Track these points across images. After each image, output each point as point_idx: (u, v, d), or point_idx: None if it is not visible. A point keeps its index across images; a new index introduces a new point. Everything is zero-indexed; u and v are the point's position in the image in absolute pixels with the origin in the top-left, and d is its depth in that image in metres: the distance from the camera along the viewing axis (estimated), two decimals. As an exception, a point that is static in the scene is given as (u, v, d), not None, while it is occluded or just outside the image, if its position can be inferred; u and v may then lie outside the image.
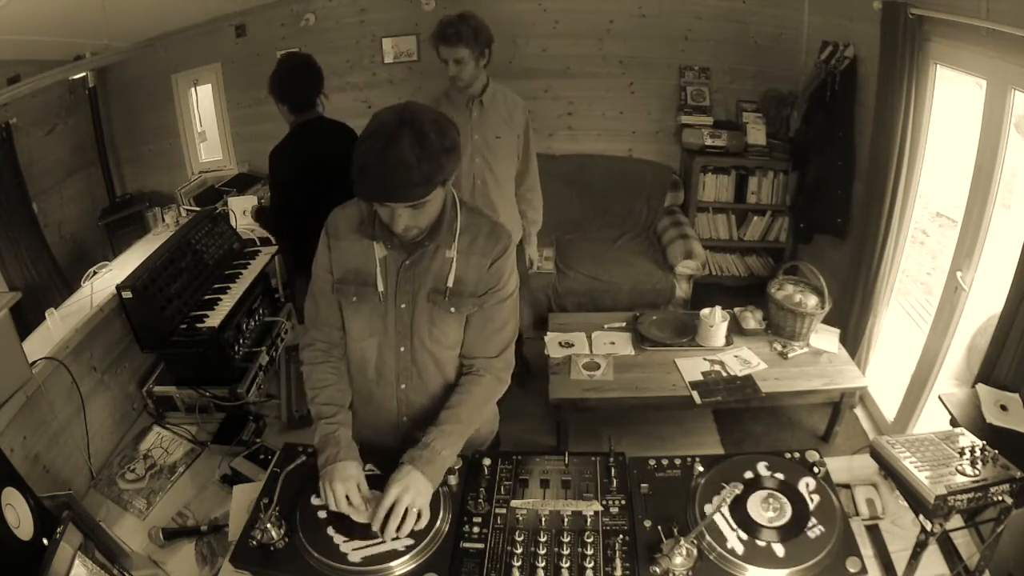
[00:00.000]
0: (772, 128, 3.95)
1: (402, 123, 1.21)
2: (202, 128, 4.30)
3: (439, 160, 1.23)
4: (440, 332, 1.47)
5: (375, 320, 1.47)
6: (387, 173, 1.21)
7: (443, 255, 1.42)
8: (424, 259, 1.42)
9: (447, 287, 1.43)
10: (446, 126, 1.27)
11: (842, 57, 3.25)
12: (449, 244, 1.42)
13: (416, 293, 1.44)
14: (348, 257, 1.45)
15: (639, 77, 4.18)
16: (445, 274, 1.42)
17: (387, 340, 1.48)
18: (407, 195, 1.25)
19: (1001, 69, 2.19)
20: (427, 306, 1.44)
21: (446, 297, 1.43)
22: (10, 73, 3.14)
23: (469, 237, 1.43)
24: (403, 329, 1.47)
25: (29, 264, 3.41)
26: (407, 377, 1.52)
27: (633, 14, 4.00)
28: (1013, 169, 2.47)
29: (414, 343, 1.48)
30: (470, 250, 1.43)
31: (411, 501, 1.30)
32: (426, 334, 1.47)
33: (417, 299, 1.44)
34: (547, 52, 4.14)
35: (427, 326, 1.46)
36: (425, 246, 1.40)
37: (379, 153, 1.21)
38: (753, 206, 4.12)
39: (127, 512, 1.87)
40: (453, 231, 1.42)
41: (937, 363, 2.61)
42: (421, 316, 1.45)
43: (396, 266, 1.43)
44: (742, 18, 3.90)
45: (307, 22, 4.03)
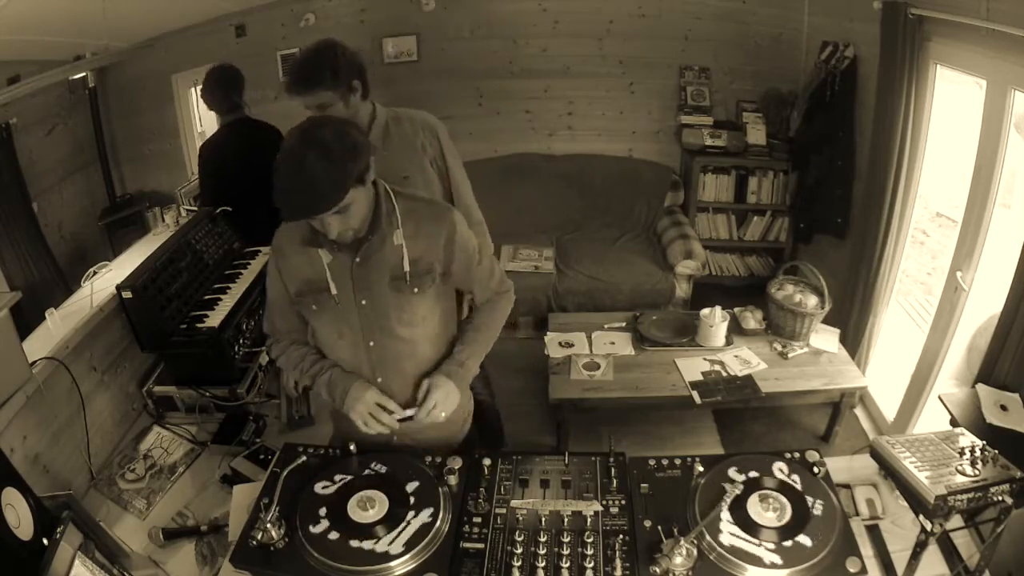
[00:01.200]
0: (772, 128, 3.95)
1: (304, 142, 1.28)
2: (202, 128, 4.30)
3: (345, 165, 1.29)
4: (408, 315, 1.52)
5: (339, 323, 1.52)
6: (301, 191, 1.27)
7: (391, 243, 1.47)
8: (374, 253, 1.46)
9: (405, 272, 1.47)
10: (346, 129, 1.32)
11: (842, 57, 3.25)
12: (393, 232, 1.46)
13: (374, 286, 1.48)
14: (298, 270, 1.51)
15: (639, 77, 4.18)
16: (399, 260, 1.47)
17: (355, 338, 1.53)
18: (324, 205, 1.30)
19: (1001, 69, 2.19)
20: (390, 294, 1.49)
21: (407, 281, 1.48)
22: (10, 73, 3.14)
23: (413, 223, 1.48)
24: (368, 324, 1.51)
25: (31, 264, 3.41)
26: (382, 370, 1.56)
27: (633, 14, 4.00)
28: (1013, 169, 2.47)
29: (383, 334, 1.52)
30: (417, 234, 1.48)
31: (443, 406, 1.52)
32: (395, 321, 1.51)
33: (377, 291, 1.48)
34: (547, 52, 4.14)
35: (395, 313, 1.50)
36: (370, 240, 1.45)
37: (290, 176, 1.27)
38: (753, 206, 4.12)
39: (127, 512, 1.87)
40: (394, 221, 1.47)
41: (937, 363, 2.61)
42: (386, 306, 1.50)
43: (348, 266, 1.47)
44: (742, 18, 3.90)
45: (307, 22, 4.03)
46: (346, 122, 1.36)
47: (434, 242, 1.49)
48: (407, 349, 1.55)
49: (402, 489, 1.40)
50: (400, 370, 1.57)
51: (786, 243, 4.14)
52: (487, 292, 1.66)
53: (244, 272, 2.48)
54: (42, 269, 3.47)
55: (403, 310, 1.50)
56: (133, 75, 3.98)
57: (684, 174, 4.25)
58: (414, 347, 1.56)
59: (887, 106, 2.70)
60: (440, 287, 1.55)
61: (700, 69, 4.10)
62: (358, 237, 1.44)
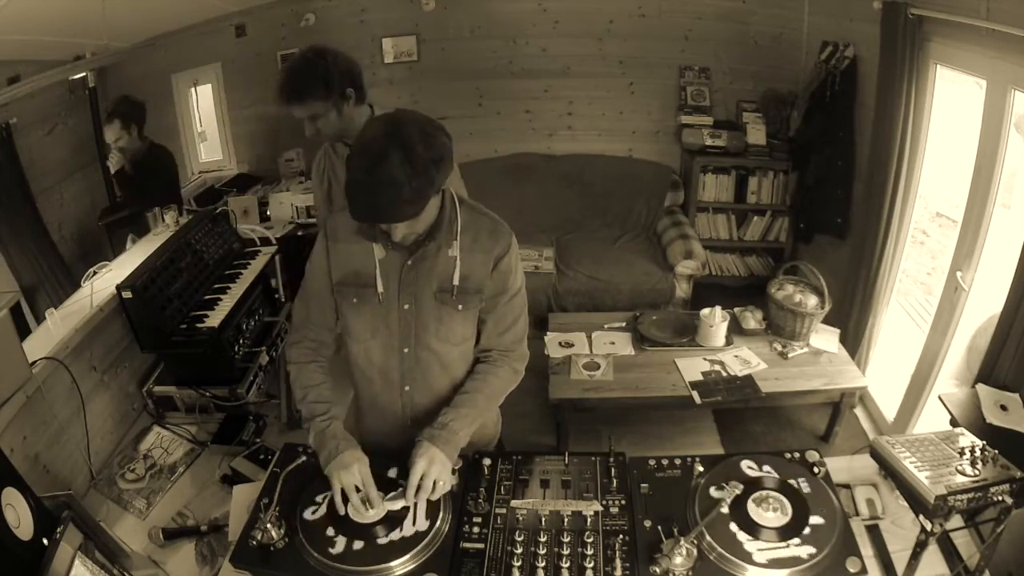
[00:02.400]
0: (772, 128, 3.95)
1: (389, 138, 1.20)
2: (202, 128, 4.30)
3: (429, 174, 1.22)
4: (447, 330, 1.47)
5: (377, 321, 1.46)
6: (377, 194, 1.21)
7: (446, 254, 1.42)
8: (427, 259, 1.42)
9: (453, 285, 1.42)
10: (434, 134, 1.24)
11: (842, 57, 3.25)
12: (451, 243, 1.41)
13: (420, 293, 1.43)
14: (347, 259, 1.45)
15: (639, 77, 4.18)
16: (450, 272, 1.42)
17: (390, 341, 1.48)
18: (399, 215, 1.25)
19: (1001, 69, 2.19)
20: (434, 305, 1.44)
21: (453, 295, 1.43)
22: (10, 73, 3.13)
23: (471, 235, 1.43)
24: (406, 330, 1.46)
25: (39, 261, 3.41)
26: (411, 379, 1.51)
27: (633, 14, 4.00)
28: (1013, 169, 2.47)
29: (418, 343, 1.47)
30: (473, 248, 1.43)
31: (437, 475, 1.35)
32: (432, 333, 1.46)
33: (422, 299, 1.44)
34: (547, 52, 4.14)
35: (434, 325, 1.46)
36: (426, 246, 1.40)
37: (367, 172, 1.20)
38: (753, 206, 4.12)
39: (127, 512, 1.87)
40: (454, 230, 1.41)
41: (937, 363, 2.61)
42: (428, 316, 1.45)
43: (398, 267, 1.42)
44: (742, 18, 3.90)
45: (307, 22, 4.03)
46: (434, 123, 1.27)
47: (487, 259, 1.43)
48: (440, 364, 1.50)
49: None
50: (429, 383, 1.52)
51: (786, 243, 4.14)
52: (497, 339, 1.53)
53: (244, 272, 2.49)
54: (51, 266, 3.47)
55: (443, 323, 1.46)
56: (133, 75, 3.97)
57: (684, 174, 4.25)
58: (447, 363, 1.51)
59: (887, 106, 2.70)
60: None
61: (700, 69, 4.10)
62: (417, 240, 1.39)
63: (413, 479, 1.34)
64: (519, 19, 4.07)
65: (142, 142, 3.31)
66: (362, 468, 1.36)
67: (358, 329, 1.49)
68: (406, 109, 1.29)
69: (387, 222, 1.28)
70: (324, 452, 1.39)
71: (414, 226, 1.33)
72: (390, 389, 1.53)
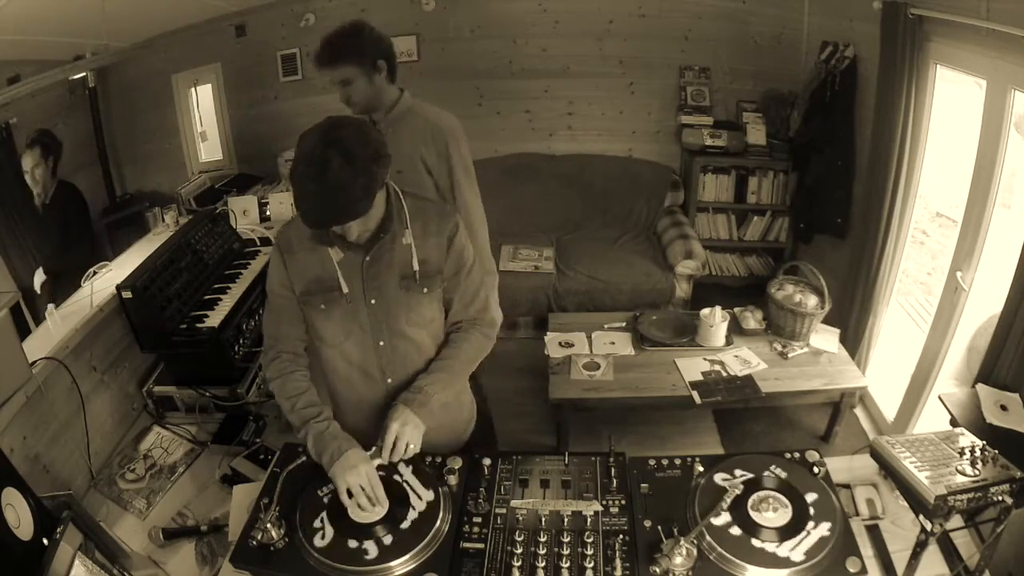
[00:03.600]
0: (772, 128, 3.95)
1: (327, 144, 1.23)
2: (202, 128, 4.30)
3: (371, 170, 1.26)
4: (417, 315, 1.51)
5: (347, 322, 1.49)
6: (328, 199, 1.25)
7: (400, 243, 1.46)
8: (384, 252, 1.45)
9: (414, 271, 1.46)
10: (367, 132, 1.29)
11: (842, 57, 3.25)
12: (403, 231, 1.46)
13: (384, 286, 1.47)
14: (306, 268, 1.48)
15: (639, 77, 4.18)
16: (408, 260, 1.46)
17: (364, 338, 1.50)
18: (352, 214, 1.29)
19: (1001, 69, 2.19)
20: (400, 294, 1.47)
21: (416, 280, 1.47)
22: (10, 73, 3.13)
23: (420, 221, 1.48)
24: (377, 324, 1.49)
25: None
26: (391, 370, 1.54)
27: (633, 14, 4.00)
28: (1013, 169, 2.47)
29: (392, 334, 1.50)
30: (426, 232, 1.48)
31: (409, 437, 1.42)
32: (404, 322, 1.50)
33: (387, 291, 1.47)
34: (547, 52, 4.14)
35: (404, 313, 1.49)
36: (381, 239, 1.43)
37: (315, 180, 1.23)
38: (753, 206, 4.12)
39: (127, 512, 1.87)
40: (403, 219, 1.46)
41: (937, 363, 2.61)
42: (396, 306, 1.48)
43: (358, 265, 1.45)
44: (742, 18, 3.90)
45: (307, 22, 4.03)
46: (364, 123, 1.33)
47: (440, 241, 1.48)
48: (416, 349, 1.54)
49: (402, 489, 1.41)
50: (409, 370, 1.55)
51: (786, 243, 4.14)
52: (464, 312, 1.57)
53: (244, 272, 2.49)
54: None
55: (412, 310, 1.49)
56: (133, 75, 3.97)
57: (684, 174, 4.25)
58: (422, 347, 1.55)
59: (887, 106, 2.70)
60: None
61: (700, 69, 4.10)
62: (370, 236, 1.42)
63: (388, 440, 1.40)
64: (519, 19, 4.06)
65: (53, 180, 3.26)
66: (368, 468, 1.38)
67: (330, 333, 1.51)
68: (335, 115, 1.33)
69: (342, 223, 1.31)
70: (327, 454, 1.39)
71: (366, 223, 1.37)
72: (372, 385, 1.55)
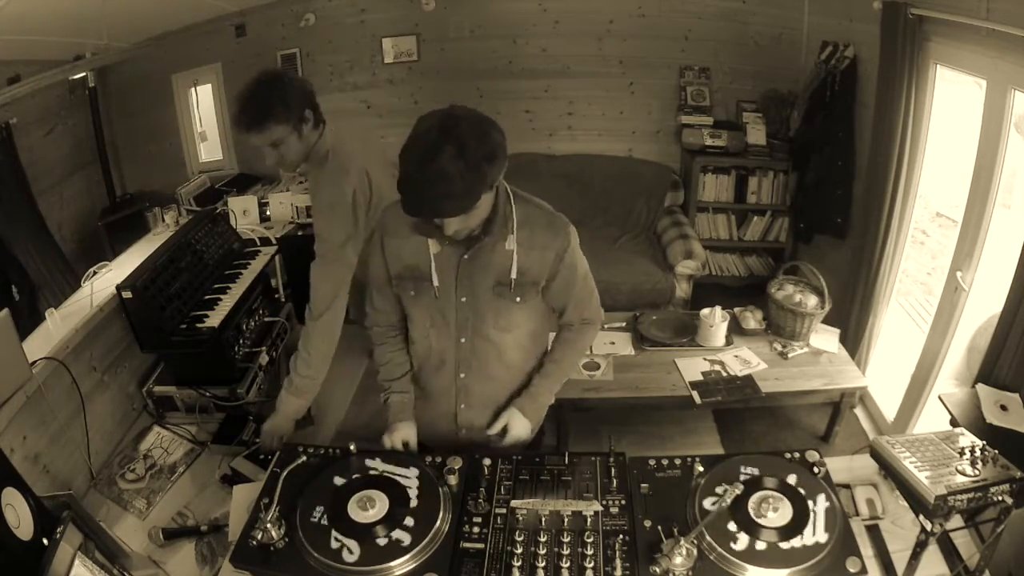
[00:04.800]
0: (772, 128, 3.95)
1: (443, 132, 1.19)
2: (202, 128, 4.30)
3: (481, 169, 1.22)
4: (505, 321, 1.51)
5: (434, 313, 1.51)
6: (428, 187, 1.20)
7: (502, 248, 1.43)
8: (483, 253, 1.43)
9: (511, 279, 1.45)
10: (488, 130, 1.24)
11: (842, 57, 3.25)
12: (506, 237, 1.42)
13: (477, 287, 1.46)
14: (402, 254, 1.48)
15: (639, 77, 4.18)
16: (507, 267, 1.44)
17: (448, 332, 1.52)
18: (450, 209, 1.25)
19: (1001, 69, 2.19)
20: (491, 298, 1.47)
21: (511, 288, 1.46)
22: (10, 73, 3.14)
23: (528, 230, 1.44)
24: (463, 321, 1.50)
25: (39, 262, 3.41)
26: (467, 367, 1.56)
27: (633, 14, 4.00)
28: (1013, 169, 2.47)
29: (475, 334, 1.52)
30: (531, 242, 1.44)
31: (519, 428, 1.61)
32: (490, 324, 1.51)
33: (479, 292, 1.47)
34: (547, 52, 4.14)
35: (492, 317, 1.50)
36: (482, 241, 1.40)
37: (419, 166, 1.19)
38: (753, 206, 4.12)
39: (127, 512, 1.87)
40: (510, 225, 1.42)
41: (937, 363, 2.61)
42: (485, 308, 1.48)
43: (454, 261, 1.44)
44: (742, 18, 3.90)
45: (307, 22, 4.03)
46: (488, 120, 1.27)
47: (545, 254, 1.45)
48: (496, 351, 1.55)
49: (402, 489, 1.41)
50: (485, 371, 1.57)
51: (786, 243, 4.14)
52: (578, 315, 1.61)
53: (244, 272, 2.49)
54: (50, 267, 3.47)
55: (500, 315, 1.49)
56: (133, 75, 3.98)
57: (684, 174, 4.25)
58: (503, 351, 1.56)
59: (887, 106, 2.70)
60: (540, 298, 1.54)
61: (700, 69, 4.10)
62: (471, 235, 1.39)
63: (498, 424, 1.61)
64: (519, 19, 4.07)
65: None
66: (408, 433, 1.59)
67: (417, 318, 1.55)
68: (460, 105, 1.28)
69: (438, 216, 1.27)
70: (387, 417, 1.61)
71: (467, 221, 1.32)
72: (445, 375, 1.59)
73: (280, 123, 1.76)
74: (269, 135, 1.77)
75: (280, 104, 1.76)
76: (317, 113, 1.87)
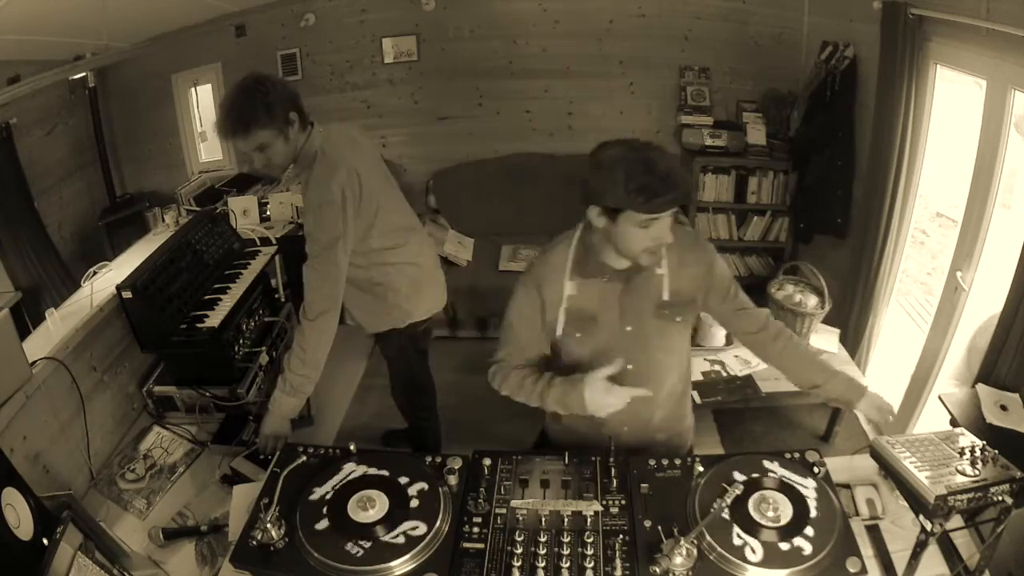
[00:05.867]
0: (772, 128, 3.94)
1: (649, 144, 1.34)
2: (202, 128, 4.30)
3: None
4: (668, 342, 1.56)
5: (601, 347, 1.52)
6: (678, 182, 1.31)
7: (653, 272, 1.49)
8: (641, 281, 1.49)
9: (665, 301, 1.50)
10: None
11: (842, 57, 3.25)
12: (659, 261, 1.47)
13: (640, 314, 1.50)
14: (564, 300, 1.50)
15: (639, 77, 4.17)
16: (660, 290, 1.49)
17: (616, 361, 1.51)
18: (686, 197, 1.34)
19: (1001, 69, 2.19)
20: (655, 322, 1.52)
21: (668, 310, 1.51)
22: (10, 73, 3.14)
23: (676, 253, 1.49)
24: (630, 348, 1.52)
25: (34, 262, 3.41)
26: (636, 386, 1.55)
27: (633, 14, 4.00)
28: (1013, 169, 2.47)
29: (643, 358, 1.54)
30: (681, 264, 1.50)
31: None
32: (656, 348, 1.55)
33: (643, 318, 1.51)
34: (547, 52, 4.14)
35: (656, 340, 1.54)
36: (642, 270, 1.46)
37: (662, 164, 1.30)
38: (753, 206, 4.11)
39: (127, 512, 1.87)
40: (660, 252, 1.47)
41: (937, 363, 2.61)
42: (650, 332, 1.52)
43: (616, 294, 1.49)
44: (742, 18, 3.89)
45: (307, 22, 4.03)
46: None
47: (696, 271, 1.52)
48: (661, 371, 1.59)
49: (402, 489, 1.41)
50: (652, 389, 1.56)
51: (786, 243, 4.13)
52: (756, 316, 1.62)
53: (244, 272, 2.49)
54: (47, 268, 3.47)
55: (664, 337, 1.54)
56: (133, 75, 3.98)
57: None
58: (665, 372, 1.59)
59: (887, 106, 2.70)
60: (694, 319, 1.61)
61: (700, 69, 4.10)
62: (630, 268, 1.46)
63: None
64: (519, 19, 4.06)
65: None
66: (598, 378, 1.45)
67: (584, 357, 1.55)
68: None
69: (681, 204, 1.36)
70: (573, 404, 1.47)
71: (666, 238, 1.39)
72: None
73: (264, 128, 1.77)
74: (254, 140, 1.78)
75: (263, 108, 1.76)
76: (303, 115, 1.87)
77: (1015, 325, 2.03)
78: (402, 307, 2.22)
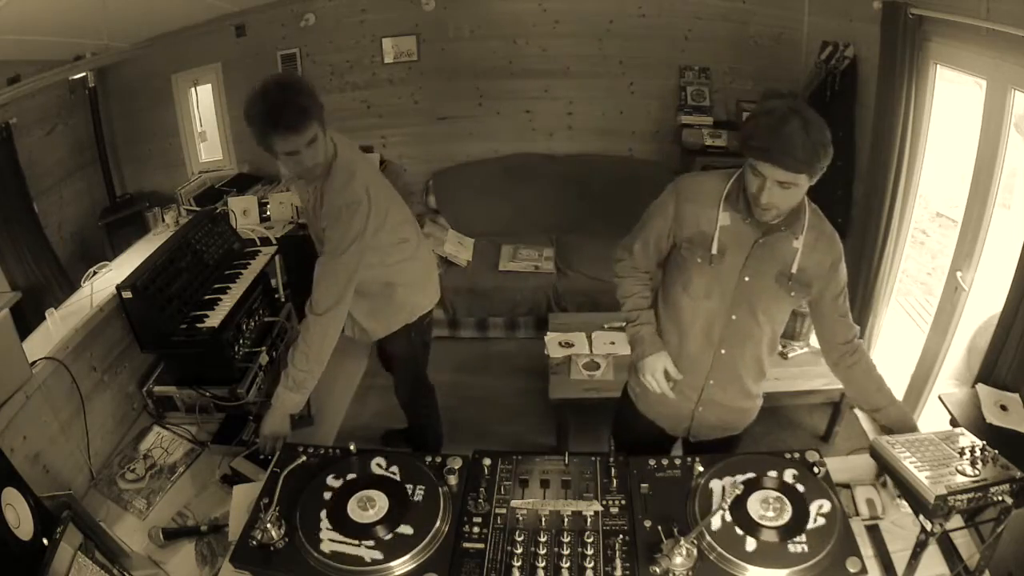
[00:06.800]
0: (772, 128, 3.94)
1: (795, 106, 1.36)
2: (202, 128, 4.30)
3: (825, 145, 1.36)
4: (776, 309, 1.60)
5: (716, 285, 1.57)
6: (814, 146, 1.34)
7: (790, 243, 1.52)
8: (777, 242, 1.52)
9: (791, 273, 1.53)
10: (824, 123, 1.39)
11: (842, 57, 3.25)
12: (799, 235, 1.52)
13: (762, 270, 1.54)
14: (698, 221, 1.55)
15: (639, 77, 4.18)
16: (790, 261, 1.53)
17: (723, 305, 1.58)
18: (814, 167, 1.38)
19: (1001, 69, 2.19)
20: (772, 285, 1.55)
21: (790, 281, 1.54)
22: (10, 73, 3.14)
23: (815, 234, 1.54)
24: (741, 299, 1.57)
25: (32, 263, 3.41)
26: (730, 343, 1.61)
27: (633, 14, 4.00)
28: (1013, 169, 2.47)
29: (747, 314, 1.58)
30: (815, 246, 1.54)
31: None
32: (763, 309, 1.58)
33: (763, 276, 1.54)
34: (547, 52, 4.14)
35: (766, 302, 1.57)
36: (781, 230, 1.51)
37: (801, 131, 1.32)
38: (753, 206, 4.11)
39: (127, 512, 1.87)
40: (803, 224, 1.52)
41: (937, 363, 2.61)
42: (764, 292, 1.56)
43: (749, 241, 1.52)
44: (742, 18, 3.90)
45: (307, 22, 4.03)
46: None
47: (823, 259, 1.55)
48: (756, 336, 1.62)
49: (402, 489, 1.41)
50: (742, 350, 1.63)
51: (786, 243, 4.14)
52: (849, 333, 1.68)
53: (244, 272, 2.48)
54: (44, 269, 3.47)
55: (774, 302, 1.57)
56: (133, 75, 3.98)
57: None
58: (761, 338, 1.63)
59: (887, 106, 2.70)
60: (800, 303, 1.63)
61: (700, 69, 4.10)
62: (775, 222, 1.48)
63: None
64: (519, 19, 4.06)
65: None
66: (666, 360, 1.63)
67: (696, 286, 1.59)
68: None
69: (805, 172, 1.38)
70: (635, 352, 1.70)
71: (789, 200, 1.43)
72: (706, 347, 1.65)
73: (315, 119, 1.80)
74: (308, 133, 1.79)
75: (310, 100, 1.78)
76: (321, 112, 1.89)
77: (1015, 325, 2.03)
78: (411, 301, 2.27)
